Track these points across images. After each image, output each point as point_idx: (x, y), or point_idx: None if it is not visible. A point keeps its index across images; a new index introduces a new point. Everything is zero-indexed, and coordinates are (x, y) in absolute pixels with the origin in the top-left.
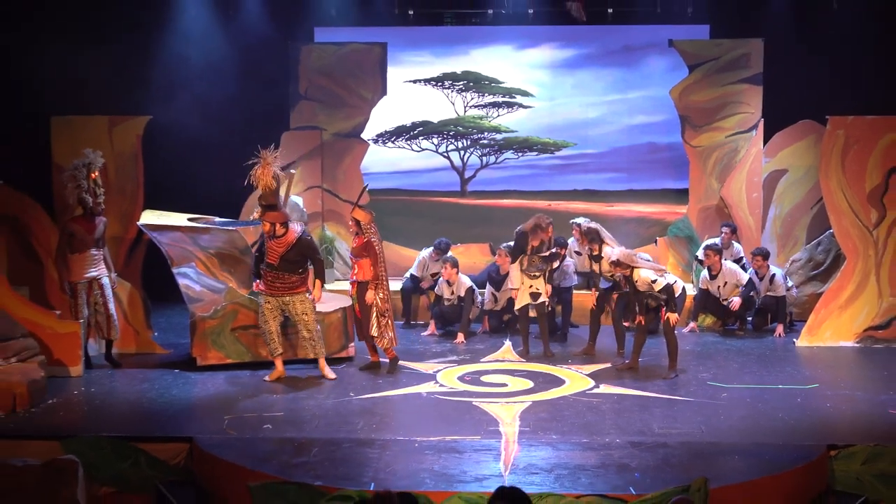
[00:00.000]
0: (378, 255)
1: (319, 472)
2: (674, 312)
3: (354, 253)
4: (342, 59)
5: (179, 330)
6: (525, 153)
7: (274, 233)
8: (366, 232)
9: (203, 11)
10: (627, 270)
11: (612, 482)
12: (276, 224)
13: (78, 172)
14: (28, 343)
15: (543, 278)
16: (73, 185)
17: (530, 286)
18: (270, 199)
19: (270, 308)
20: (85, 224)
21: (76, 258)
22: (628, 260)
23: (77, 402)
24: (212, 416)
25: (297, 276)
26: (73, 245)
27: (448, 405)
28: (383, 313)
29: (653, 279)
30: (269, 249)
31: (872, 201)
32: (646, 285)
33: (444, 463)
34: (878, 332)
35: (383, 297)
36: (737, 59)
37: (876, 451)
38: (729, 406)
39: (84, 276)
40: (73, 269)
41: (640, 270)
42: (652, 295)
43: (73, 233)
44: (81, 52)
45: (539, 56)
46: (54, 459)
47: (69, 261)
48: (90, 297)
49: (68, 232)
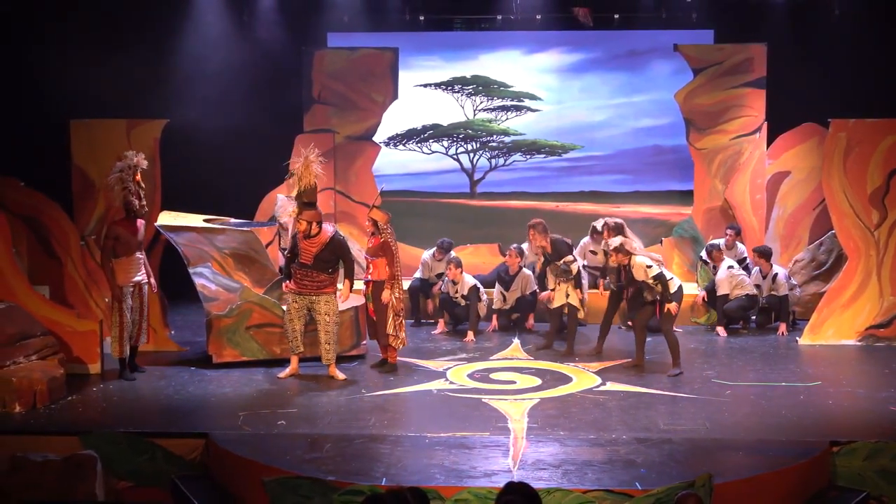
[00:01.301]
0: (394, 255)
1: (332, 468)
2: (670, 302)
3: (371, 253)
4: (354, 63)
5: (195, 328)
6: (533, 155)
7: (309, 232)
8: (382, 232)
9: (219, 17)
10: (626, 258)
11: (618, 478)
12: (312, 223)
13: (125, 174)
14: (48, 341)
15: (573, 283)
16: (119, 186)
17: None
18: (312, 197)
19: (297, 308)
20: (129, 227)
21: (121, 262)
22: (629, 246)
23: (95, 398)
24: (227, 412)
25: (327, 275)
26: (118, 249)
27: (458, 402)
28: (398, 313)
29: (648, 264)
30: (303, 249)
31: (874, 202)
32: (641, 272)
33: (454, 458)
34: (880, 331)
35: (398, 296)
36: (740, 63)
37: (877, 447)
38: (733, 403)
39: (130, 280)
40: (119, 274)
41: (636, 257)
42: (647, 285)
43: (118, 236)
44: (100, 56)
45: (547, 60)
46: (73, 455)
47: (113, 265)
48: (132, 302)
49: (113, 236)
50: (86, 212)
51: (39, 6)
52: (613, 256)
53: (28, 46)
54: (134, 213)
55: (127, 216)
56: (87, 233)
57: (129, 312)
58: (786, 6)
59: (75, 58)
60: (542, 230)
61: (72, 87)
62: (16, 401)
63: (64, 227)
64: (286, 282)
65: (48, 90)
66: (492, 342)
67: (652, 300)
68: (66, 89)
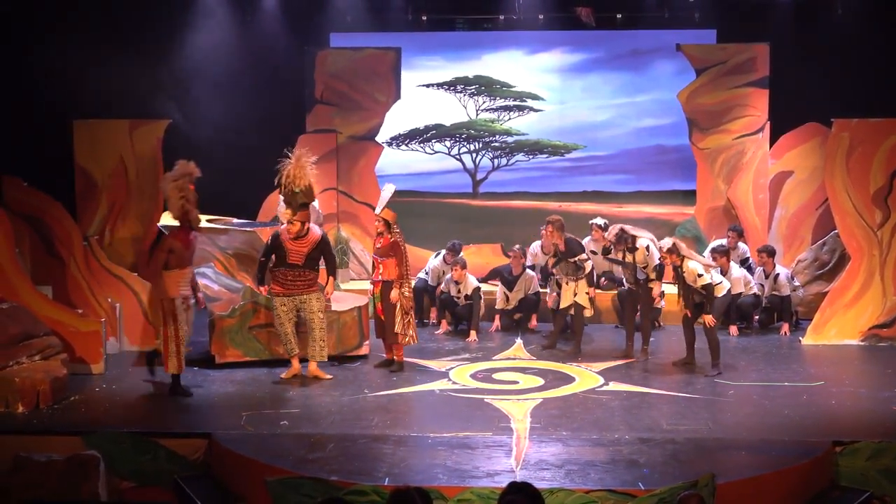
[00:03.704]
0: (404, 255)
1: (335, 468)
2: (709, 314)
3: (380, 253)
4: (357, 63)
5: (198, 328)
6: (536, 155)
7: (301, 232)
8: (393, 232)
9: (222, 17)
10: (678, 259)
11: (621, 478)
12: (305, 223)
13: (182, 183)
14: (51, 341)
15: (586, 281)
16: (177, 196)
17: (573, 288)
18: (310, 198)
19: (287, 310)
20: (184, 239)
21: (172, 275)
22: (681, 249)
23: (98, 398)
24: (230, 412)
25: (314, 273)
26: (171, 261)
27: (461, 402)
28: (407, 311)
29: (699, 273)
30: (292, 250)
31: (877, 202)
32: (692, 278)
33: (456, 458)
34: (883, 331)
35: (407, 294)
36: (743, 62)
37: (880, 447)
38: (736, 403)
39: (180, 293)
40: (170, 287)
41: (689, 262)
42: (696, 290)
43: (173, 248)
44: (102, 56)
45: (549, 60)
46: (76, 454)
47: (164, 277)
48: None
49: (167, 248)
50: (88, 212)
51: (40, 6)
52: (666, 257)
53: (29, 46)
54: (190, 223)
55: (181, 227)
56: (89, 233)
57: (184, 324)
58: (789, 5)
59: (77, 57)
60: (559, 227)
61: (74, 87)
62: (19, 401)
63: (67, 227)
64: (262, 286)
65: (50, 90)
66: (494, 342)
67: (700, 302)
68: (69, 89)
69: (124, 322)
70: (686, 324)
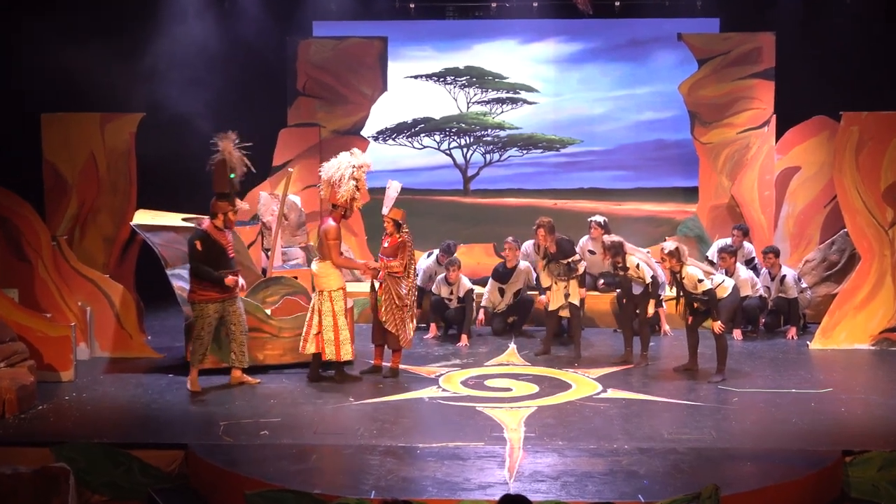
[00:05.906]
0: (411, 255)
1: (318, 480)
2: (716, 321)
3: (387, 253)
4: (341, 53)
5: (174, 333)
6: (530, 150)
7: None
8: (402, 232)
9: (199, 5)
10: (678, 265)
11: (620, 489)
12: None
13: (360, 171)
14: (17, 347)
15: (577, 281)
16: (353, 183)
17: (564, 288)
18: (236, 186)
19: (219, 315)
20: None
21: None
22: (683, 255)
23: (68, 407)
24: (207, 421)
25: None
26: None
27: (451, 410)
28: (405, 306)
29: (699, 278)
30: (228, 246)
31: (888, 199)
32: (692, 284)
33: (446, 470)
34: (894, 335)
35: (408, 290)
36: (748, 53)
37: (892, 457)
38: (740, 410)
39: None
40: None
41: (688, 268)
42: (697, 297)
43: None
44: (72, 47)
45: (544, 50)
46: (45, 467)
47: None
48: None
49: (335, 236)
50: (58, 210)
51: None
52: (667, 260)
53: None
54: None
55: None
56: (58, 233)
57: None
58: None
59: (47, 47)
60: (549, 229)
61: (43, 79)
62: None
63: (35, 227)
64: (212, 292)
65: (17, 81)
66: (486, 347)
67: (705, 309)
68: (37, 81)
69: (95, 327)
70: (689, 329)
